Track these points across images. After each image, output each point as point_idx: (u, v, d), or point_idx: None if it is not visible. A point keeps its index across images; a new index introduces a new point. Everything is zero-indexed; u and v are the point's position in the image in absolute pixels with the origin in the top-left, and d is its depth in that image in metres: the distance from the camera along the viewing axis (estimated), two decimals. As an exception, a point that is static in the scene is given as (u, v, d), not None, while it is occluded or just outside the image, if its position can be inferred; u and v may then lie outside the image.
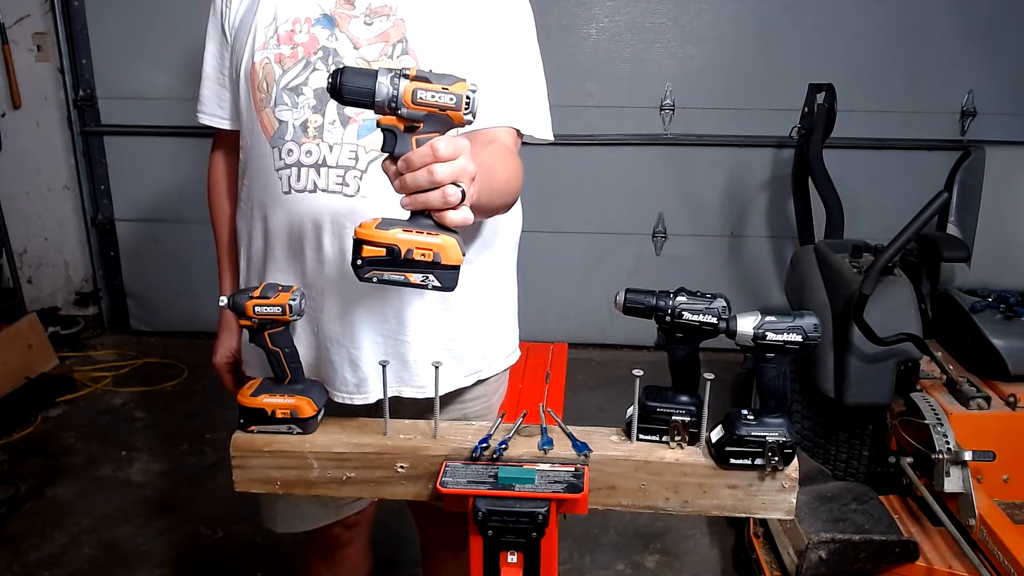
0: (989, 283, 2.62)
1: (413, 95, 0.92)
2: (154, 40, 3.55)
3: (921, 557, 1.92)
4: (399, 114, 0.93)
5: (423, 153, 0.91)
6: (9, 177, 3.79)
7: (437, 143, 0.91)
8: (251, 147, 1.27)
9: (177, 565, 2.38)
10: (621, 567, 2.37)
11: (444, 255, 0.96)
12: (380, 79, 0.92)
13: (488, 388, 1.39)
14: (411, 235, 0.95)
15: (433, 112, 0.93)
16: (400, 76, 0.93)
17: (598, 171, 3.67)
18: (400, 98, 0.93)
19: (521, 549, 1.01)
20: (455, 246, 0.96)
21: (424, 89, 0.93)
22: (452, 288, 0.98)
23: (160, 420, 3.20)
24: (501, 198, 1.19)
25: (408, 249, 0.95)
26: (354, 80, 0.93)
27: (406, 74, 0.93)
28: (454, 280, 0.98)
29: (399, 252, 0.95)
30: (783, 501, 1.07)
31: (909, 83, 3.48)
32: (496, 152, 1.20)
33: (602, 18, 3.52)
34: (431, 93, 0.93)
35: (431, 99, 0.93)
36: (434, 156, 0.91)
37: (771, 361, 1.04)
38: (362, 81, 0.93)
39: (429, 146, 0.91)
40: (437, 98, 0.93)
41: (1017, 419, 2.21)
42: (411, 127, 0.94)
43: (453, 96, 0.93)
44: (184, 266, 3.82)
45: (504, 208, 1.25)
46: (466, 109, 0.94)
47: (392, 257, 0.95)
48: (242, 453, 1.13)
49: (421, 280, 0.97)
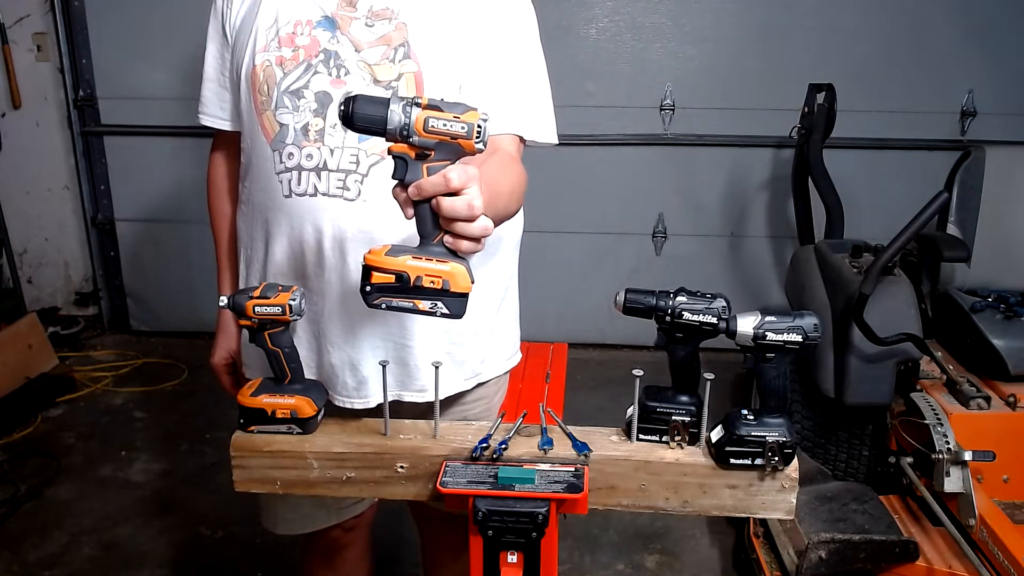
0: (989, 283, 2.62)
1: (425, 123, 0.92)
2: (154, 40, 3.55)
3: (921, 557, 1.92)
4: (410, 142, 0.93)
5: (435, 183, 0.92)
6: (9, 177, 3.79)
7: (449, 173, 0.91)
8: (252, 149, 1.26)
9: (177, 565, 2.38)
10: (621, 567, 2.37)
11: (453, 283, 0.96)
12: (392, 107, 0.92)
13: (488, 390, 1.39)
14: (421, 262, 0.95)
15: (444, 140, 0.93)
16: (412, 104, 0.93)
17: (598, 171, 3.67)
18: (412, 126, 0.92)
19: (521, 549, 1.01)
20: (464, 274, 0.96)
21: (436, 118, 0.92)
22: (461, 316, 0.98)
23: (160, 420, 3.20)
24: (505, 209, 1.20)
25: (418, 276, 0.95)
26: (366, 108, 0.93)
27: (418, 102, 0.93)
28: (463, 307, 0.98)
29: (408, 279, 0.95)
30: (783, 501, 1.07)
31: (909, 83, 3.48)
32: (500, 162, 1.20)
33: (602, 18, 3.52)
34: (443, 122, 0.92)
35: (443, 128, 0.93)
36: (446, 186, 0.91)
37: (771, 361, 1.04)
38: (374, 109, 0.93)
39: (442, 176, 0.91)
40: (449, 127, 0.93)
41: (1017, 419, 2.21)
42: (422, 155, 0.94)
43: (464, 125, 0.93)
44: (184, 266, 3.82)
45: (507, 217, 1.25)
46: (477, 138, 0.94)
47: (401, 284, 0.95)
48: (242, 453, 1.13)
49: (430, 308, 0.97)
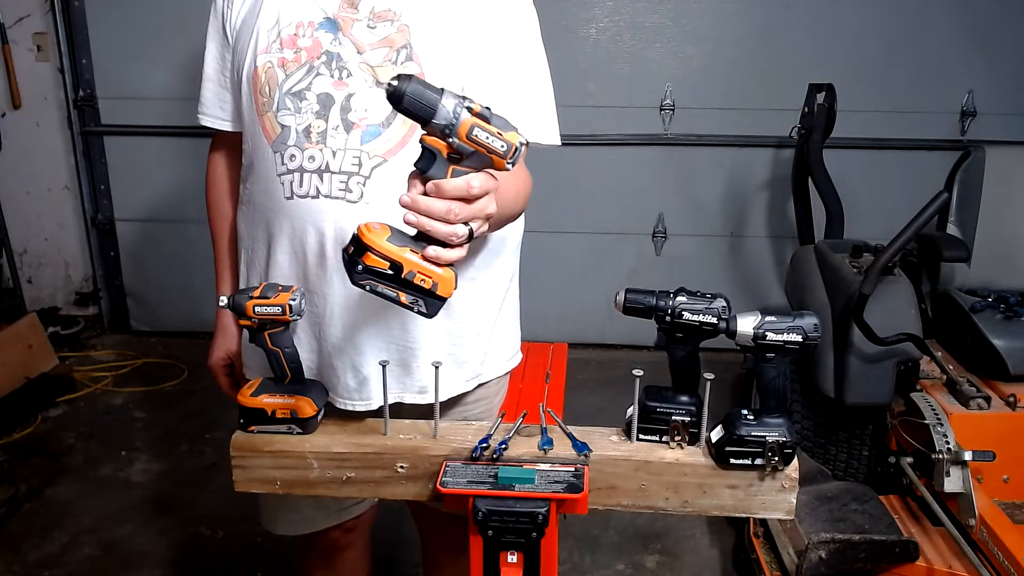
0: (989, 283, 2.62)
1: (470, 131, 0.92)
2: (154, 40, 3.55)
3: (921, 557, 1.92)
4: (449, 141, 0.93)
5: (457, 186, 0.92)
6: (9, 177, 3.79)
7: (472, 181, 0.92)
8: (253, 151, 1.26)
9: (177, 565, 2.38)
10: (621, 567, 2.37)
11: (440, 287, 0.97)
12: (444, 101, 0.91)
13: (489, 391, 1.39)
14: (418, 259, 0.95)
15: (480, 152, 0.93)
16: (463, 107, 0.92)
17: (598, 171, 3.67)
18: (457, 128, 0.92)
19: (521, 549, 1.01)
20: (452, 282, 0.97)
21: (481, 128, 0.92)
22: (432, 317, 0.99)
23: (160, 420, 3.20)
24: (508, 216, 1.21)
25: (411, 271, 0.95)
26: (421, 92, 0.91)
27: (470, 107, 0.92)
28: (438, 311, 0.99)
29: (402, 271, 0.95)
30: (783, 501, 1.07)
31: (909, 83, 3.48)
32: None
33: (602, 18, 3.52)
34: (487, 135, 0.92)
35: (484, 140, 0.92)
36: (467, 193, 0.92)
37: (771, 361, 1.04)
38: (428, 98, 0.91)
39: (465, 182, 0.92)
40: (490, 141, 0.92)
41: (1017, 419, 2.21)
42: (454, 157, 0.94)
43: (505, 144, 0.93)
44: (184, 266, 3.81)
45: (508, 222, 1.25)
46: (511, 158, 0.94)
47: (393, 273, 0.95)
48: (242, 453, 1.13)
49: (410, 303, 0.97)
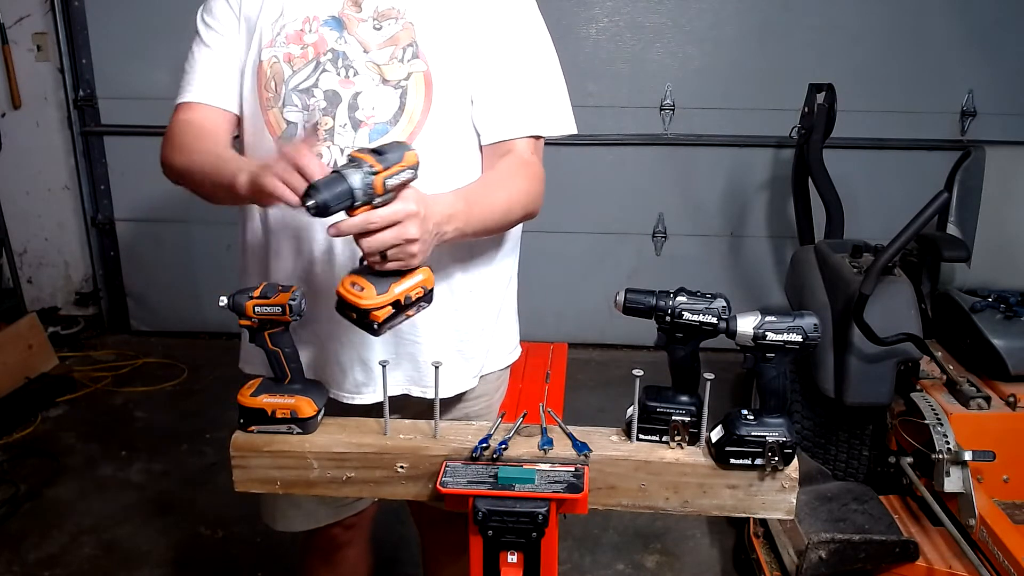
0: (989, 283, 2.62)
1: (384, 185, 0.98)
2: (154, 40, 3.54)
3: (921, 557, 1.92)
4: (374, 203, 0.99)
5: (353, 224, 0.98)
6: (9, 177, 3.79)
7: (371, 217, 0.97)
8: (257, 146, 1.26)
9: (177, 565, 2.38)
10: (621, 567, 2.37)
11: (428, 283, 1.07)
12: (351, 181, 0.96)
13: (490, 387, 1.40)
14: (405, 285, 1.04)
15: (398, 189, 1.01)
16: (366, 171, 0.96)
17: (598, 171, 3.67)
18: (374, 191, 0.98)
19: (521, 549, 1.01)
20: (431, 272, 1.07)
21: (391, 176, 0.99)
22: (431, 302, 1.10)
23: (160, 420, 3.20)
24: (503, 218, 1.21)
25: (407, 295, 1.04)
26: (333, 188, 0.95)
27: (373, 171, 0.97)
28: (433, 296, 1.09)
29: (401, 303, 1.04)
30: (783, 501, 1.07)
31: (909, 83, 3.48)
32: (506, 169, 1.21)
33: (602, 18, 3.52)
34: (396, 178, 0.99)
35: (398, 182, 1.00)
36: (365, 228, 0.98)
37: (771, 361, 1.04)
38: (341, 189, 0.95)
39: (364, 219, 0.97)
40: (403, 177, 1.00)
41: (1017, 419, 2.21)
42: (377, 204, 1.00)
43: (411, 170, 1.01)
44: (184, 266, 3.82)
45: (508, 225, 1.26)
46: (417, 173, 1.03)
47: (397, 309, 1.04)
48: (242, 453, 1.13)
49: (416, 312, 1.08)
